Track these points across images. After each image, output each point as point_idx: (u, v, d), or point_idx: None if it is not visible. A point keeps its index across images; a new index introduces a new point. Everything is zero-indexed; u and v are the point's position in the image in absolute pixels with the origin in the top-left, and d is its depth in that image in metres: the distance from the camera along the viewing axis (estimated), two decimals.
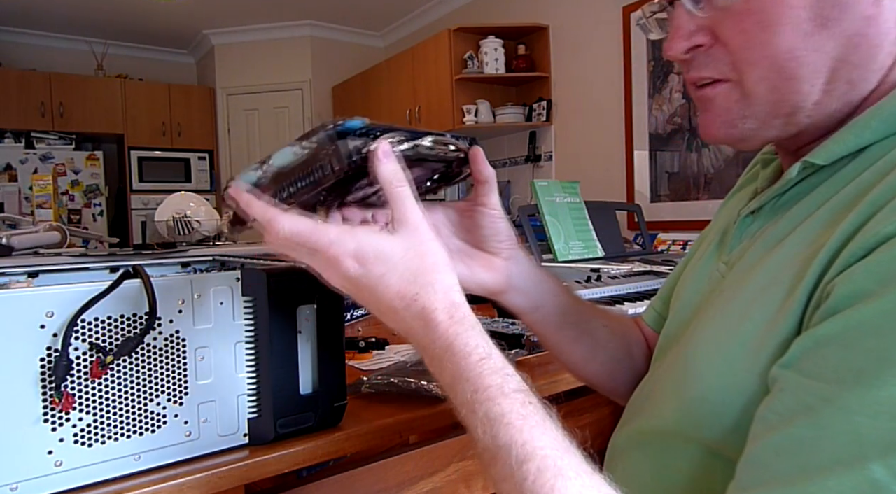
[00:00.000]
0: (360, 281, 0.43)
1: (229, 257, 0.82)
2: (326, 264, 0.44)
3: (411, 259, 0.43)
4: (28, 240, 2.12)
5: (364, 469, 0.71)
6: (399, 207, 0.44)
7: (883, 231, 0.35)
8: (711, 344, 0.47)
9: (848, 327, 0.35)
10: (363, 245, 0.43)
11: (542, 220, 1.45)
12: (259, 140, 5.18)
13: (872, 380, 0.32)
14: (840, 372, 0.34)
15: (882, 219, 0.36)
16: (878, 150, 0.43)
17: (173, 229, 2.93)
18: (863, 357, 0.33)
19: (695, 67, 0.49)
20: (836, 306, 0.36)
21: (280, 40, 5.05)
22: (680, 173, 2.87)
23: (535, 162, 3.72)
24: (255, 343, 0.60)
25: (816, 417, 0.34)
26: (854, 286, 0.35)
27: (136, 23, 4.84)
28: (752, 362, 0.42)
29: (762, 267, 0.45)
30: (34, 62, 4.91)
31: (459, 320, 0.42)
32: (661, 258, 1.57)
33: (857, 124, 0.43)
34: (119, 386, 0.54)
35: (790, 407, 0.36)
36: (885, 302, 0.33)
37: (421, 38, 4.13)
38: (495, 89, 3.76)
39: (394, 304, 0.43)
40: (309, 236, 0.43)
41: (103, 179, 4.91)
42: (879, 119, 0.42)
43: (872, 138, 0.43)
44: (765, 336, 0.42)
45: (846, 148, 0.43)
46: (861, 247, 0.36)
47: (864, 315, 0.34)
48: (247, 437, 0.61)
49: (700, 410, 0.46)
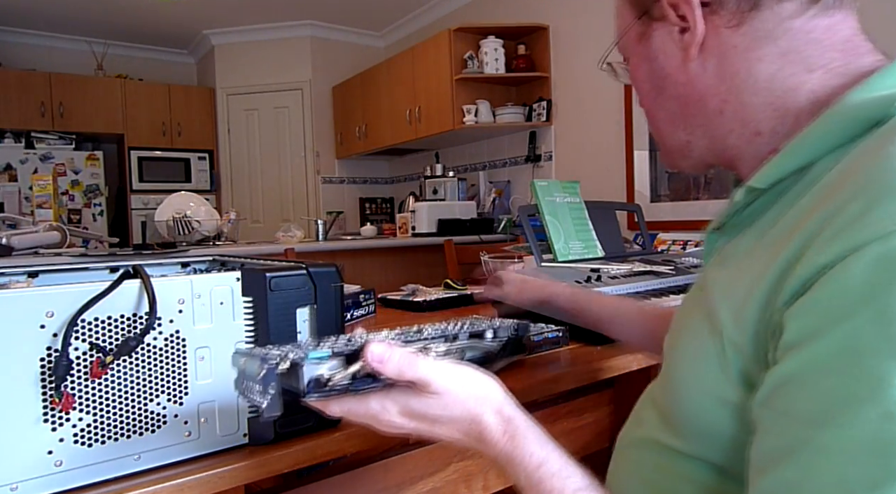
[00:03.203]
0: (419, 429, 0.50)
1: (229, 257, 0.82)
2: (384, 427, 0.51)
3: (453, 409, 0.49)
4: (28, 240, 2.12)
5: (364, 469, 0.71)
6: (418, 379, 0.48)
7: (818, 261, 0.37)
8: (683, 358, 0.50)
9: (807, 365, 0.36)
10: (404, 407, 0.49)
11: (542, 220, 1.45)
12: (259, 140, 5.18)
13: (841, 420, 0.34)
14: (809, 412, 0.35)
15: (817, 250, 0.37)
16: (819, 170, 0.45)
17: (173, 229, 2.93)
18: (826, 397, 0.35)
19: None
20: (792, 342, 0.37)
21: (280, 40, 5.05)
22: (680, 173, 2.87)
23: (535, 162, 3.72)
24: (255, 343, 0.60)
25: (799, 459, 0.35)
26: (803, 322, 0.37)
27: (136, 23, 4.84)
28: (722, 378, 0.44)
29: (720, 284, 0.48)
30: (34, 62, 4.91)
31: (512, 434, 0.48)
32: (661, 258, 1.57)
33: (787, 150, 0.47)
34: (119, 386, 0.54)
35: (774, 448, 0.38)
36: (834, 340, 0.35)
37: (421, 38, 4.13)
38: (495, 89, 3.76)
39: (455, 437, 0.50)
40: (357, 411, 0.50)
41: (103, 179, 4.91)
42: (805, 145, 0.46)
43: (803, 161, 0.46)
44: (721, 355, 0.45)
45: (780, 171, 0.48)
46: (800, 277, 0.38)
47: (817, 353, 0.35)
48: (247, 437, 0.61)
49: (677, 419, 0.51)
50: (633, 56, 0.59)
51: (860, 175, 0.39)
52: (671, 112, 0.57)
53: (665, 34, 0.54)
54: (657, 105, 0.58)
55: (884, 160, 0.37)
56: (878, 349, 0.33)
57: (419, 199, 3.99)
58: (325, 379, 0.47)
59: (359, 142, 4.75)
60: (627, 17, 0.58)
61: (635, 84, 0.60)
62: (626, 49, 0.60)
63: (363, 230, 3.95)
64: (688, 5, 0.51)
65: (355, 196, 5.21)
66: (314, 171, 5.10)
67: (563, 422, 0.90)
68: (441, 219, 3.57)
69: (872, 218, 0.35)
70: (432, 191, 3.98)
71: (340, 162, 5.16)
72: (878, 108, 0.43)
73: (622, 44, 0.60)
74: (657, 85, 0.57)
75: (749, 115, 0.52)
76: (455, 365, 0.51)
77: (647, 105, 0.60)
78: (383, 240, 3.48)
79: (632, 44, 0.58)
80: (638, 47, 0.58)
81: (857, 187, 0.38)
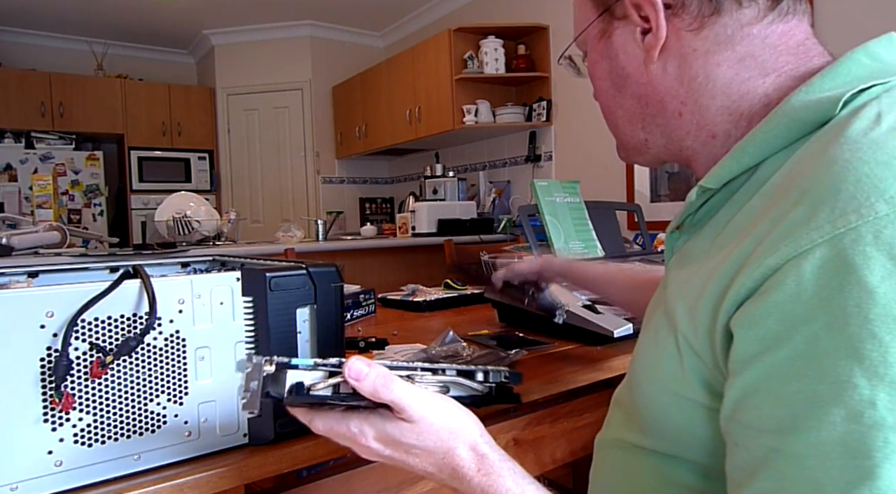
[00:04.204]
0: (394, 458, 0.49)
1: (229, 257, 0.82)
2: (362, 451, 0.51)
3: (425, 440, 0.48)
4: (28, 240, 2.12)
5: (364, 469, 0.71)
6: (391, 401, 0.47)
7: (767, 262, 0.37)
8: (644, 355, 0.52)
9: (768, 374, 0.36)
10: (380, 432, 0.49)
11: (542, 220, 1.45)
12: (259, 140, 5.18)
13: (808, 424, 0.34)
14: (777, 419, 0.35)
15: (764, 252, 0.37)
16: (767, 170, 0.46)
17: (173, 229, 2.93)
18: (791, 402, 0.35)
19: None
20: (749, 351, 0.37)
21: (280, 40, 5.05)
22: (680, 173, 2.88)
23: (535, 162, 3.72)
24: (255, 343, 0.60)
25: (773, 469, 0.36)
26: (761, 330, 0.36)
27: (136, 23, 4.84)
28: (678, 374, 0.45)
29: (678, 283, 0.49)
30: (34, 62, 4.91)
31: (487, 472, 0.47)
32: (661, 258, 1.57)
33: (736, 150, 0.48)
34: (119, 386, 0.54)
35: (748, 461, 0.38)
36: (795, 345, 0.35)
37: (421, 38, 4.13)
38: (495, 89, 3.76)
39: (428, 470, 0.49)
40: (338, 431, 0.50)
41: (103, 179, 4.91)
42: (753, 145, 0.47)
43: (752, 161, 0.47)
44: (677, 352, 0.45)
45: (730, 171, 0.49)
46: (749, 279, 0.38)
47: (779, 359, 0.35)
48: (247, 437, 0.61)
49: (642, 416, 0.52)
50: (592, 51, 0.59)
51: (804, 178, 0.39)
52: (630, 110, 0.57)
53: (627, 33, 0.54)
54: (616, 102, 0.58)
55: (827, 164, 0.38)
56: (836, 351, 0.33)
57: (419, 199, 3.99)
58: (307, 386, 0.47)
59: (359, 142, 4.75)
60: (588, 12, 0.58)
61: (593, 80, 0.60)
62: (586, 44, 0.60)
63: (363, 230, 3.95)
64: (652, 7, 0.51)
65: (355, 196, 5.21)
66: (314, 171, 5.10)
67: (563, 422, 0.90)
68: (441, 219, 3.57)
69: (818, 221, 0.35)
70: (432, 191, 3.98)
71: (340, 162, 5.16)
72: (821, 111, 0.43)
73: (581, 39, 0.60)
74: (616, 83, 0.57)
75: (705, 119, 0.52)
76: (435, 395, 0.50)
77: (605, 102, 0.60)
78: (383, 240, 3.47)
79: (592, 40, 0.58)
80: (598, 44, 0.57)
81: (802, 191, 0.38)
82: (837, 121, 0.42)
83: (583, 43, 0.60)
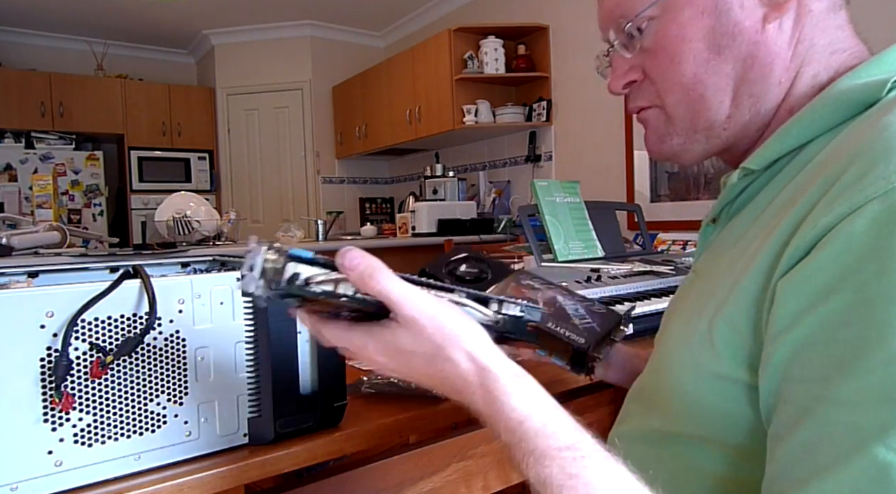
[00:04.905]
0: (398, 369, 0.46)
1: (229, 257, 0.82)
2: (369, 363, 0.47)
3: (421, 344, 0.43)
4: (28, 240, 2.12)
5: (364, 469, 0.71)
6: (389, 301, 0.43)
7: (821, 222, 0.37)
8: (674, 341, 0.51)
9: (819, 325, 0.36)
10: (380, 343, 0.45)
11: (542, 220, 1.45)
12: (259, 140, 5.18)
13: (854, 369, 0.34)
14: (823, 369, 0.36)
15: (819, 213, 0.38)
16: (812, 151, 0.46)
17: (173, 229, 2.93)
18: (839, 349, 0.35)
19: (631, 99, 0.59)
20: (800, 306, 0.37)
21: (280, 40, 5.05)
22: (680, 173, 2.87)
23: (535, 162, 3.72)
24: (255, 343, 0.60)
25: (814, 417, 0.35)
26: (812, 284, 0.37)
27: (136, 23, 4.84)
28: (709, 354, 0.45)
29: (717, 268, 0.49)
30: (34, 62, 4.91)
31: (491, 387, 0.42)
32: (661, 258, 1.57)
33: (781, 131, 0.48)
34: (119, 386, 0.54)
35: (792, 415, 0.37)
36: (844, 294, 0.35)
37: (421, 38, 4.13)
38: (495, 89, 3.76)
39: (433, 382, 0.45)
40: (344, 343, 0.46)
41: (103, 179, 4.91)
42: (799, 126, 0.47)
43: (796, 143, 0.47)
44: (707, 333, 0.45)
45: (775, 152, 0.48)
46: (804, 241, 0.38)
47: (829, 310, 0.36)
48: (247, 437, 0.61)
49: (677, 404, 0.49)
50: (688, 7, 0.50)
51: (858, 143, 0.40)
52: (726, 77, 0.50)
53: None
54: (710, 68, 0.50)
55: (881, 128, 0.39)
56: (883, 296, 0.33)
57: (419, 199, 3.99)
58: (304, 278, 0.42)
59: (359, 142, 4.75)
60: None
61: (678, 43, 0.51)
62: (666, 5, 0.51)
63: (363, 230, 3.95)
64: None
65: (355, 196, 5.21)
66: (314, 171, 5.09)
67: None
68: (441, 218, 3.57)
69: (872, 177, 0.36)
70: (432, 191, 3.97)
71: (340, 162, 5.16)
72: (868, 92, 0.44)
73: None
74: (717, 43, 0.50)
75: (793, 92, 0.50)
76: (431, 295, 0.44)
77: (692, 69, 0.51)
78: (383, 240, 3.48)
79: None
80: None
81: (854, 154, 0.39)
82: (884, 103, 0.43)
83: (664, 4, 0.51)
